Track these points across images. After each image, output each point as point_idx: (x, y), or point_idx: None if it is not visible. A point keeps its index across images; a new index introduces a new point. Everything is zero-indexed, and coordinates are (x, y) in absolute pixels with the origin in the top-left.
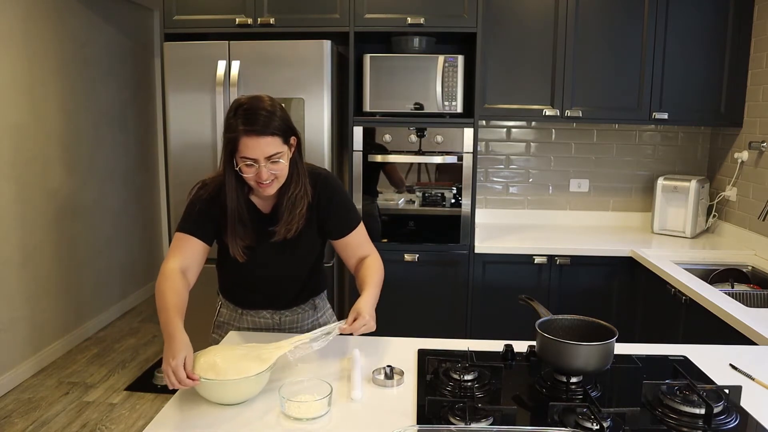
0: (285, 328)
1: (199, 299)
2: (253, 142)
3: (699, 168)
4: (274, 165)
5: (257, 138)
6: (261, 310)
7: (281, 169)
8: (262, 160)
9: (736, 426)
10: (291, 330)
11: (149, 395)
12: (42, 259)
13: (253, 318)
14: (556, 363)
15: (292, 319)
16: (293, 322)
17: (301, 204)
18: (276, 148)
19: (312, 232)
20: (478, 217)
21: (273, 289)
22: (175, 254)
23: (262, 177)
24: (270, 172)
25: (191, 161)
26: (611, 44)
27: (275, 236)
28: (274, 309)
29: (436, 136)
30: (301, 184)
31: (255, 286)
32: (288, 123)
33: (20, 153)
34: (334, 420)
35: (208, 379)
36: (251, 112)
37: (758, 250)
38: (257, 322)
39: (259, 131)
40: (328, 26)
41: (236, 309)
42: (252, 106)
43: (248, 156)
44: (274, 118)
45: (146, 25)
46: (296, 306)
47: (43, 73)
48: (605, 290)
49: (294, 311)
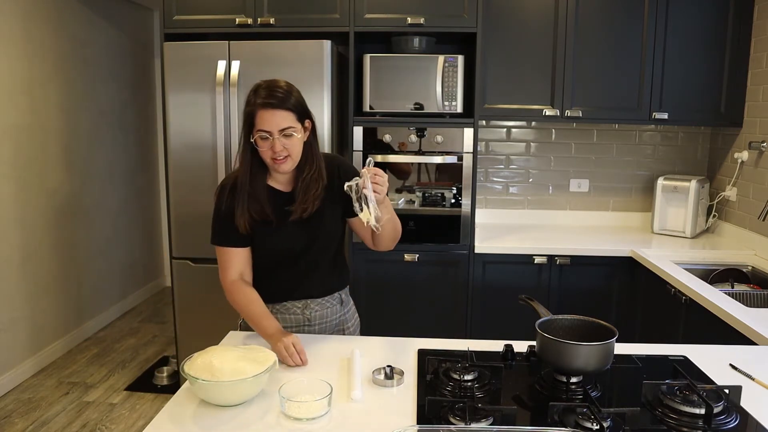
0: (314, 324)
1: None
2: (268, 115)
3: (699, 168)
4: (287, 139)
5: (273, 111)
6: (290, 301)
7: (294, 145)
8: (276, 133)
9: (736, 426)
10: (320, 326)
11: (149, 395)
12: (42, 259)
13: (283, 315)
14: (556, 363)
15: (321, 314)
16: (322, 318)
17: (315, 186)
18: (289, 122)
19: (335, 212)
20: (478, 217)
21: (299, 273)
22: (226, 267)
23: (276, 148)
24: (283, 145)
25: (191, 161)
26: (611, 44)
27: (298, 210)
28: (303, 298)
29: (436, 136)
30: (316, 166)
31: (282, 269)
32: (303, 105)
33: (20, 153)
34: (334, 420)
35: (204, 380)
36: (269, 90)
37: (758, 250)
38: (287, 318)
39: (274, 105)
40: (328, 26)
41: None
42: (270, 84)
43: (263, 128)
44: (290, 96)
45: (146, 25)
46: (323, 298)
47: (43, 73)
48: (605, 290)
49: (322, 305)
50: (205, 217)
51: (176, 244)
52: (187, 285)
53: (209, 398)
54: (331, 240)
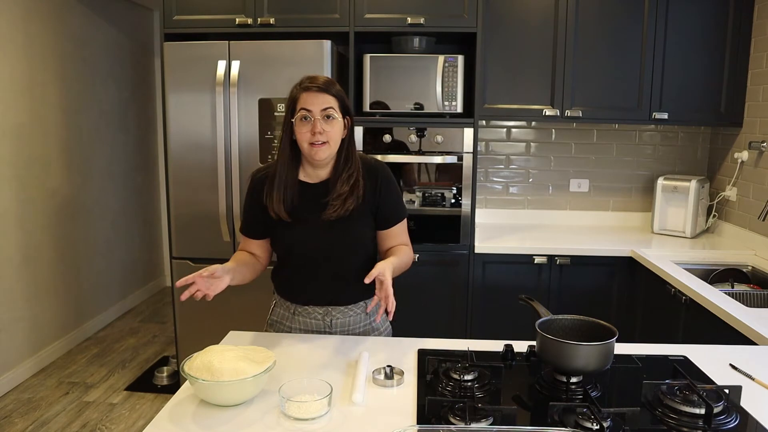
0: (336, 331)
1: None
2: (311, 96)
3: (699, 168)
4: (327, 123)
5: (316, 93)
6: (313, 306)
7: (334, 131)
8: (317, 113)
9: (736, 426)
10: (342, 333)
11: (149, 395)
12: (42, 259)
13: (305, 319)
14: (556, 363)
15: (343, 322)
16: (344, 325)
17: (357, 185)
18: (331, 104)
19: (366, 217)
20: (478, 217)
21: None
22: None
23: (316, 127)
24: (323, 128)
25: (191, 161)
26: (611, 44)
27: (328, 209)
28: (327, 305)
29: (436, 136)
30: (355, 164)
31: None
32: (345, 99)
33: (20, 153)
34: (334, 420)
35: (204, 380)
36: (313, 77)
37: (758, 250)
38: (308, 323)
39: (319, 88)
40: (328, 26)
41: (289, 308)
42: (315, 75)
43: (305, 107)
44: (334, 86)
45: (146, 25)
46: (347, 306)
47: (43, 73)
48: (605, 290)
49: (344, 313)
50: (205, 217)
51: (176, 244)
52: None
53: (209, 398)
54: (357, 248)
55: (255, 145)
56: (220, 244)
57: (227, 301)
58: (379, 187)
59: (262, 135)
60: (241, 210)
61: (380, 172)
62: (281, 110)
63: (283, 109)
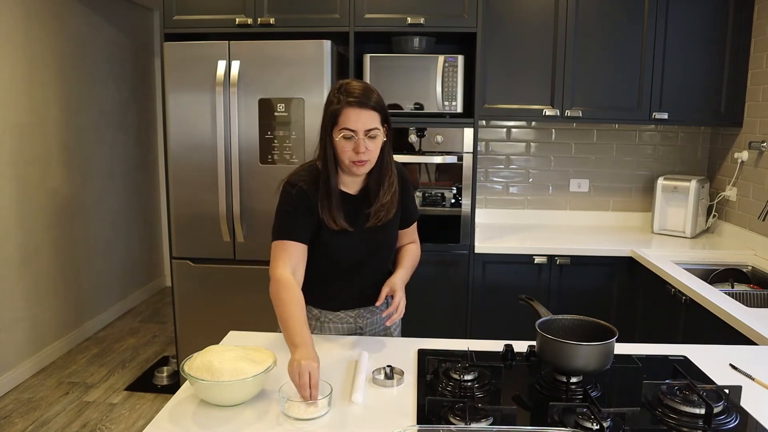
0: (365, 331)
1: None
2: (355, 114)
3: (699, 168)
4: (370, 141)
5: (359, 110)
6: (343, 311)
7: (376, 147)
8: (361, 132)
9: (736, 426)
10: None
11: (149, 395)
12: (42, 259)
13: (336, 325)
14: (556, 363)
15: (371, 321)
16: (372, 324)
17: (396, 192)
18: (374, 123)
19: (397, 219)
20: (478, 217)
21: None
22: (280, 259)
23: (360, 148)
24: (366, 147)
25: (191, 161)
26: (611, 44)
27: (372, 219)
28: (357, 307)
29: (436, 136)
30: (393, 171)
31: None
32: (385, 107)
33: (20, 153)
34: (334, 420)
35: (204, 380)
36: (354, 87)
37: (758, 250)
38: (339, 328)
39: (361, 103)
40: (328, 26)
41: (317, 316)
42: (354, 83)
43: (349, 127)
44: (374, 95)
45: (146, 25)
46: (374, 305)
47: (43, 73)
48: (605, 290)
49: (372, 312)
50: (205, 217)
51: (176, 244)
52: (187, 285)
53: (209, 398)
54: (390, 250)
55: (255, 145)
56: (220, 244)
57: (227, 301)
58: (403, 190)
59: (262, 135)
60: (241, 210)
61: (403, 175)
62: (281, 110)
63: (283, 109)
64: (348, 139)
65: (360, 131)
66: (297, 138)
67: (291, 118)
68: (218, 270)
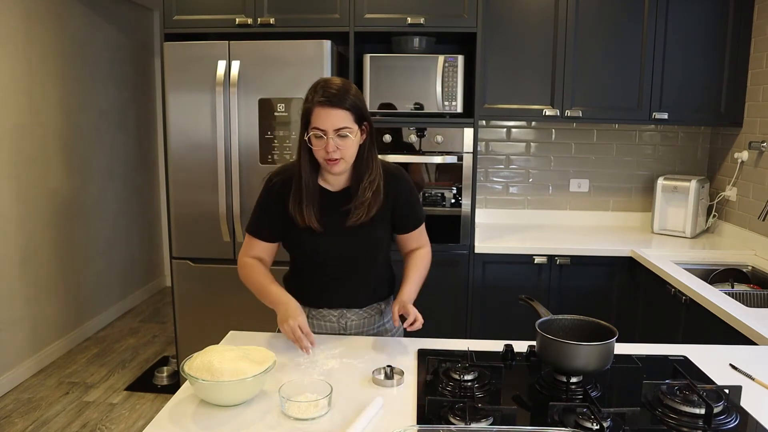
0: (350, 332)
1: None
2: (324, 113)
3: (699, 168)
4: (341, 140)
5: (329, 109)
6: (328, 309)
7: (348, 146)
8: (330, 132)
9: (736, 426)
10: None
11: (149, 395)
12: (42, 259)
13: (319, 322)
14: (556, 363)
15: (358, 324)
16: (359, 327)
17: (379, 190)
18: (345, 122)
19: (385, 222)
20: (478, 217)
21: (338, 281)
22: (248, 251)
23: (329, 148)
24: (337, 146)
25: (191, 161)
26: (611, 44)
27: (351, 217)
28: (340, 307)
29: (436, 136)
30: (377, 170)
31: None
32: (361, 106)
33: (20, 153)
34: (334, 420)
35: (204, 380)
36: (327, 87)
37: (758, 250)
38: (323, 326)
39: (331, 103)
40: (328, 26)
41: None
42: (329, 82)
43: (318, 126)
44: (348, 96)
45: (146, 25)
46: (362, 309)
47: (43, 73)
48: (605, 290)
49: (359, 315)
50: (205, 217)
51: (176, 244)
52: (187, 285)
53: (209, 398)
54: (376, 253)
55: (255, 145)
56: (220, 244)
57: (227, 301)
58: (397, 193)
59: (262, 135)
60: (241, 210)
61: (399, 178)
62: (281, 110)
63: (283, 109)
64: (318, 138)
65: (329, 131)
66: (297, 138)
67: (291, 118)
68: (218, 270)
